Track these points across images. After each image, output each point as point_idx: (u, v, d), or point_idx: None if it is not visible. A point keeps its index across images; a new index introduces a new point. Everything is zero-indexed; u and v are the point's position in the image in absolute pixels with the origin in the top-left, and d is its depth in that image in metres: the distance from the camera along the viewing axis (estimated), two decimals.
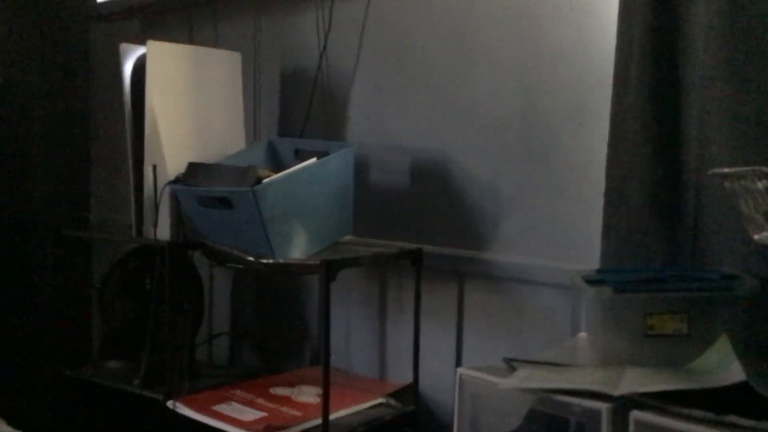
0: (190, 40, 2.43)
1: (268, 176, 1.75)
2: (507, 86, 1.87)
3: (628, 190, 1.57)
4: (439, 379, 1.97)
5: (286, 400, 1.92)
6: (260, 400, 1.92)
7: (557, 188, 1.80)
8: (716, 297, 1.34)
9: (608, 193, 1.61)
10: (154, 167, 1.94)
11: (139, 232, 2.03)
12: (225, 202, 1.76)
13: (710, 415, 1.11)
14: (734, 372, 1.16)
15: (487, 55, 1.90)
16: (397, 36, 2.07)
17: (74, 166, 2.80)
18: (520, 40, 1.85)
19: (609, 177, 1.61)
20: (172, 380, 1.95)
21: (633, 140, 1.56)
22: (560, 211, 1.80)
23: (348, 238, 1.98)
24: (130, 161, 2.03)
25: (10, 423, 1.79)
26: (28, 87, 2.67)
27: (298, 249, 1.80)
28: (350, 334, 2.19)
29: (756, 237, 1.18)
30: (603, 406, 1.18)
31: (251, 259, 1.79)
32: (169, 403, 1.90)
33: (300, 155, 2.01)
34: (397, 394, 1.95)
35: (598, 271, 1.53)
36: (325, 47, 2.18)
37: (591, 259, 1.65)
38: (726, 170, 1.20)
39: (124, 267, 2.21)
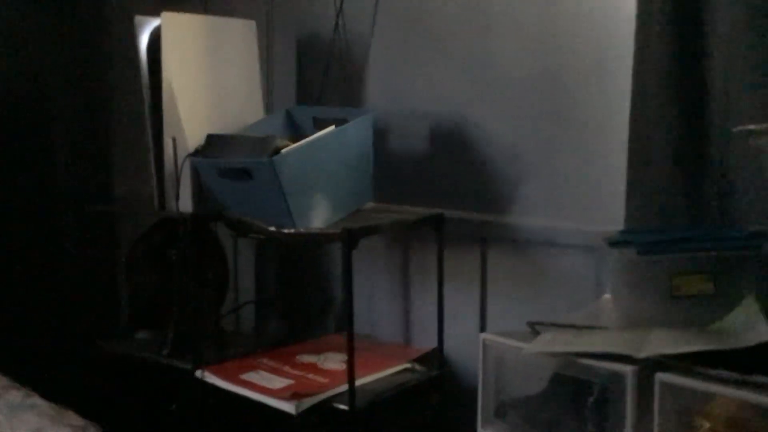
0: (205, 10, 2.41)
1: (287, 146, 1.74)
2: (526, 47, 1.84)
3: (652, 150, 1.54)
4: (464, 343, 1.97)
5: (312, 367, 1.94)
6: (287, 368, 1.93)
7: (579, 149, 1.78)
8: (743, 256, 1.32)
9: (632, 153, 1.58)
10: (174, 140, 1.94)
11: (162, 205, 2.04)
12: (245, 173, 1.76)
13: (736, 376, 1.10)
14: (761, 332, 1.14)
15: (505, 15, 1.87)
16: None
17: (95, 141, 2.81)
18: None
19: (632, 136, 1.58)
20: (200, 350, 1.97)
21: (656, 98, 1.53)
22: (583, 173, 1.77)
23: (369, 205, 1.98)
24: (150, 134, 2.03)
25: (42, 395, 1.82)
26: (45, 63, 2.67)
27: (318, 218, 1.80)
28: (374, 300, 2.19)
29: None
30: (627, 369, 1.17)
31: (272, 229, 1.79)
32: (198, 373, 1.93)
33: (318, 123, 1.99)
34: (422, 359, 1.96)
35: (622, 233, 1.51)
36: (340, 12, 2.15)
37: (615, 220, 1.63)
38: (751, 127, 1.17)
39: (149, 240, 2.23)
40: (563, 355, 1.26)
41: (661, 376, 1.14)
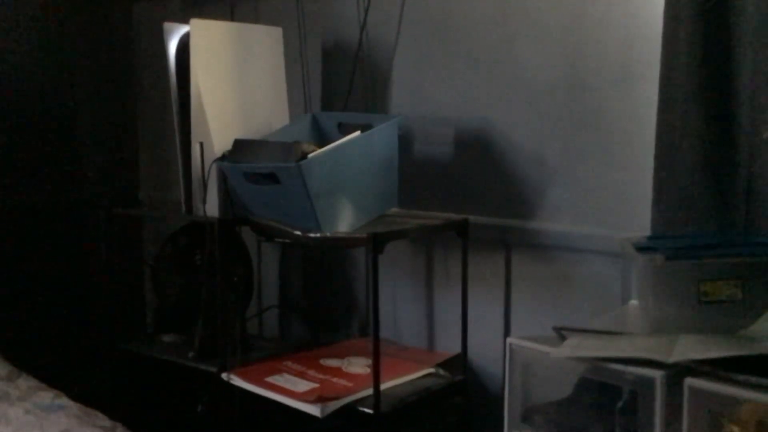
0: (232, 17, 2.44)
1: (313, 151, 1.75)
2: (551, 53, 1.85)
3: (679, 155, 1.54)
4: (488, 348, 1.97)
5: (337, 371, 1.95)
6: (311, 372, 1.94)
7: (605, 154, 1.78)
8: None
9: (659, 158, 1.58)
10: (201, 145, 1.96)
11: (189, 209, 2.07)
12: (271, 178, 1.77)
13: (766, 381, 1.09)
14: None
15: (530, 21, 1.88)
16: (437, 5, 2.05)
17: (123, 146, 2.86)
18: (564, 5, 1.82)
19: (659, 142, 1.58)
20: (226, 353, 1.99)
21: (683, 104, 1.53)
22: (609, 178, 1.77)
23: (394, 210, 1.99)
24: (178, 139, 2.05)
25: (71, 396, 1.85)
26: (74, 69, 2.72)
27: (344, 222, 1.81)
28: (398, 305, 2.20)
29: None
30: (657, 374, 1.17)
31: (298, 233, 1.81)
32: (224, 375, 1.95)
33: (343, 129, 2.01)
34: (446, 364, 1.96)
35: (649, 238, 1.51)
36: (365, 19, 2.17)
37: (641, 225, 1.63)
38: None
39: (175, 243, 2.25)
40: (592, 359, 1.26)
41: (690, 382, 1.14)
